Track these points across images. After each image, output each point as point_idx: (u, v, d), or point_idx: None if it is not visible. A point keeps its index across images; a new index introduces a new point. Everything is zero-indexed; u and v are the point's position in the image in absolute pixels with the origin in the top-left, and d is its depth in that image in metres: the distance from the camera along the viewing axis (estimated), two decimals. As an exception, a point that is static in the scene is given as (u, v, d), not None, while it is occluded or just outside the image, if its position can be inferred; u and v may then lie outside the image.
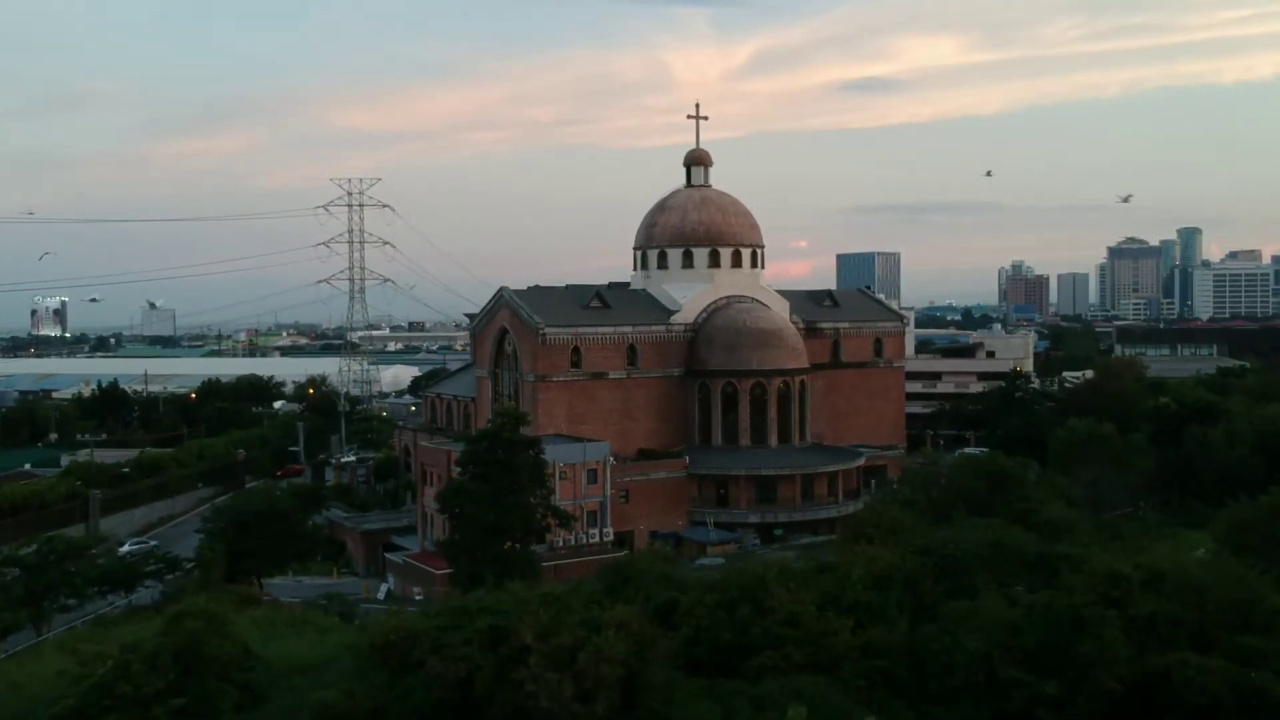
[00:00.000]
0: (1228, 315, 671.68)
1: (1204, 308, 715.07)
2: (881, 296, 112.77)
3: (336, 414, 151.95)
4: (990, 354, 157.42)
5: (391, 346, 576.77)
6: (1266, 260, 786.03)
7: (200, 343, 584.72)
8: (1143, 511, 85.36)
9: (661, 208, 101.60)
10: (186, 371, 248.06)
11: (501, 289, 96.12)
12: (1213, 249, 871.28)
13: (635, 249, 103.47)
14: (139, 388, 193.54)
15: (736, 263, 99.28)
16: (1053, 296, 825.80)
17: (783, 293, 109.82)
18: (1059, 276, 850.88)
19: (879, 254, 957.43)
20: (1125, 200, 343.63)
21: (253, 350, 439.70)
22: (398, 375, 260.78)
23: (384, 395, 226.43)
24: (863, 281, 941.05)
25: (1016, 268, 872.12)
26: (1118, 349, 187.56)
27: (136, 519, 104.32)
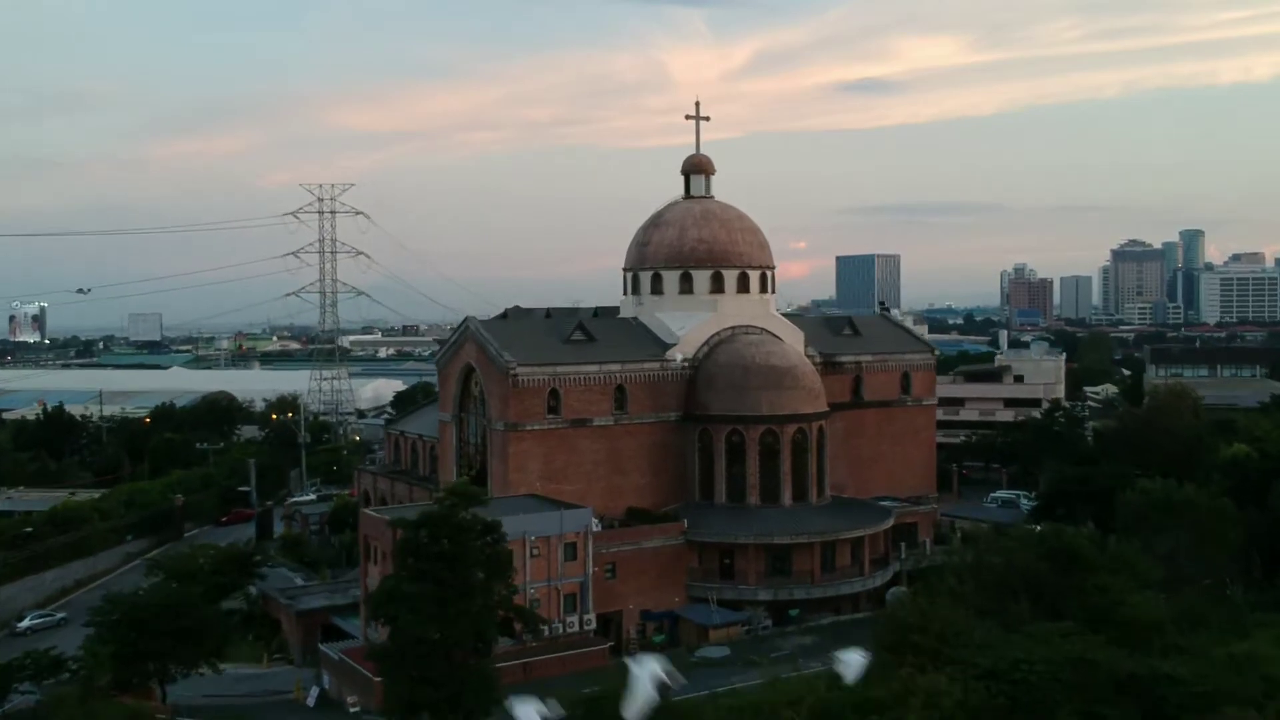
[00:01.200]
0: (1235, 320, 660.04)
1: (1210, 312, 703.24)
2: (908, 322, 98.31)
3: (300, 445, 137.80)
4: (1018, 378, 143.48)
5: (383, 352, 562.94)
6: (1270, 262, 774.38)
7: (188, 347, 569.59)
8: (1230, 590, 71.49)
9: (656, 223, 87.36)
10: (153, 386, 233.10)
11: (467, 319, 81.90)
12: (1212, 251, 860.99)
13: (625, 270, 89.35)
14: (92, 410, 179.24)
15: (743, 287, 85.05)
16: (1055, 299, 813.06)
17: (796, 319, 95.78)
18: (1061, 279, 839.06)
19: (879, 256, 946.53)
20: None
21: (237, 359, 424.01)
22: (379, 391, 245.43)
23: (362, 414, 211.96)
24: (863, 283, 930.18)
25: (1019, 271, 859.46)
26: (1151, 370, 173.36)
27: (48, 583, 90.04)
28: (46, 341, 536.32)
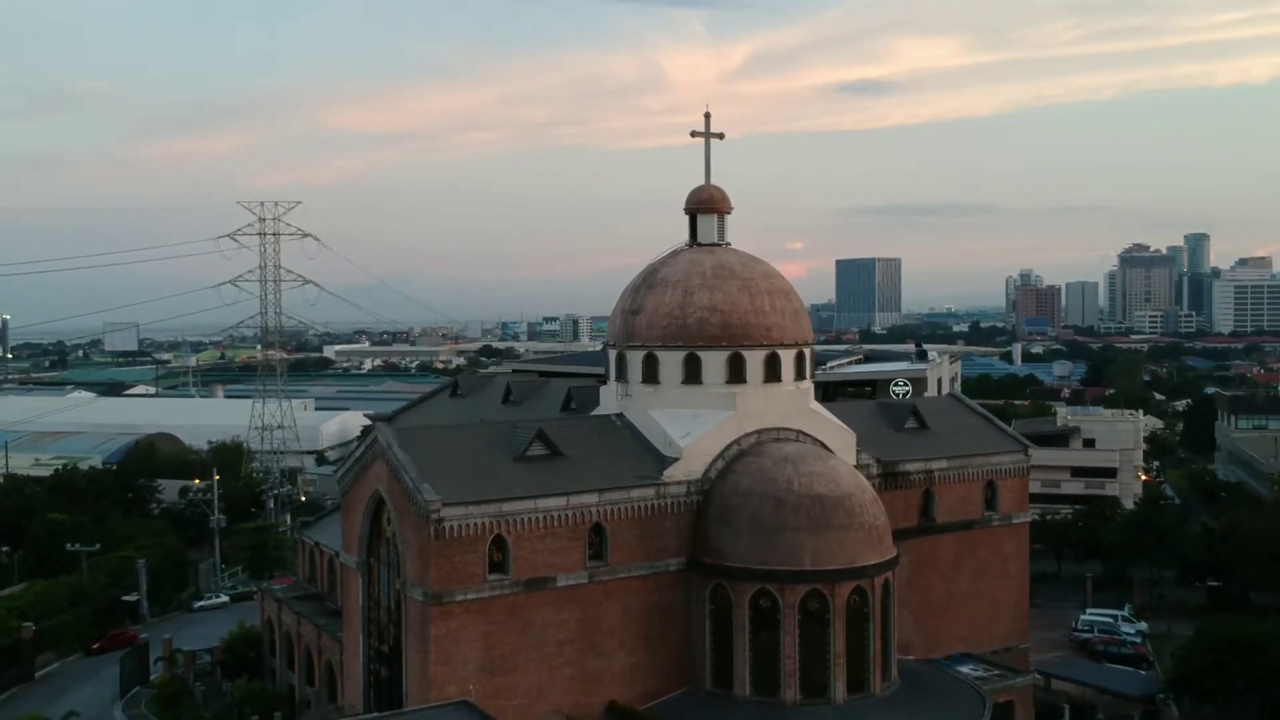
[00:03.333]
0: (1250, 330, 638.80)
1: (1223, 320, 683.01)
2: (986, 414, 73.56)
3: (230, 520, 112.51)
4: (1089, 442, 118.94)
5: (369, 364, 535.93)
6: (1278, 267, 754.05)
7: (168, 357, 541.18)
8: None
9: (650, 283, 62.30)
10: (92, 422, 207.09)
11: (376, 424, 56.76)
12: (1216, 254, 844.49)
13: (608, 347, 64.50)
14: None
15: (773, 374, 60.14)
16: (1062, 304, 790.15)
17: (834, 405, 70.86)
18: (1067, 285, 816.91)
19: (879, 260, 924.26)
20: None
21: (209, 375, 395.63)
22: (345, 425, 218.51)
23: (322, 459, 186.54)
24: (863, 287, 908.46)
25: (1025, 277, 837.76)
26: (1226, 420, 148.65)
27: None
28: (9, 356, 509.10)
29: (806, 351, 62.27)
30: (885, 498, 60.97)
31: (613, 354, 62.90)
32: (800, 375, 61.59)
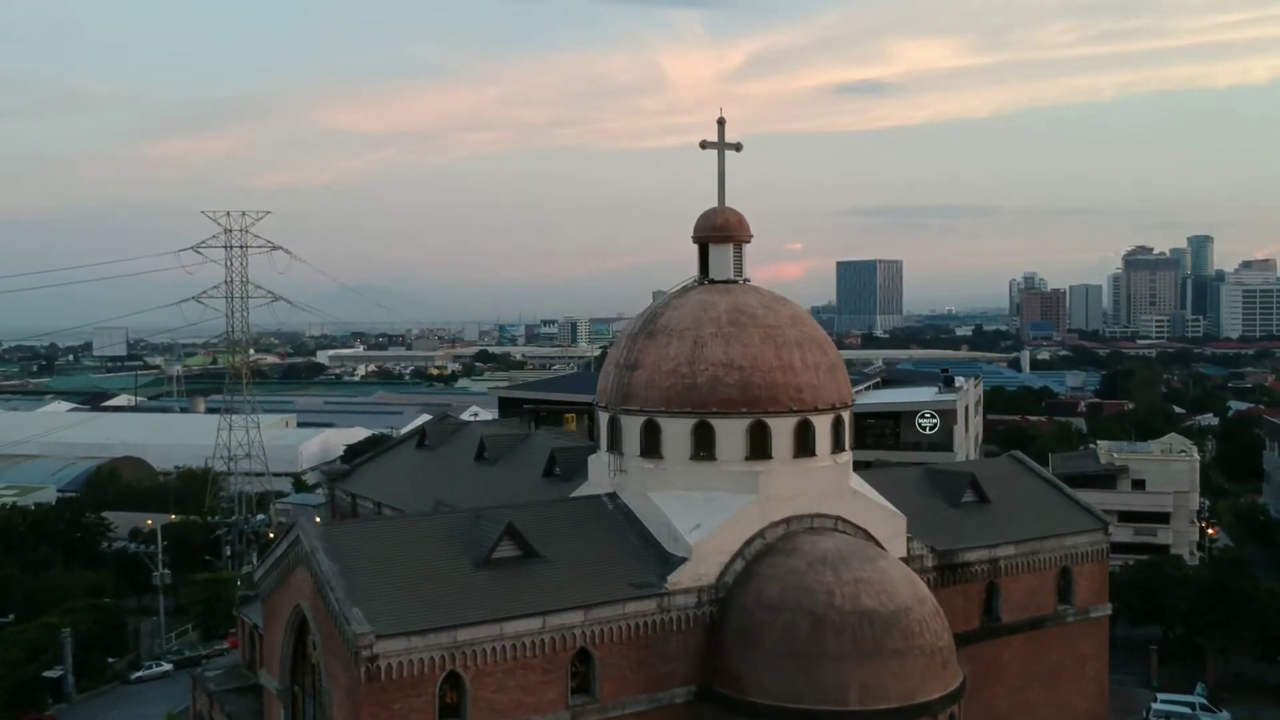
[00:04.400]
0: (1259, 335, 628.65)
1: (1231, 325, 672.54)
2: (1055, 482, 61.18)
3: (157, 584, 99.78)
4: (1138, 483, 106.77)
5: (362, 370, 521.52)
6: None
7: (160, 360, 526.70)
8: None
9: (651, 329, 49.92)
10: (57, 442, 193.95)
11: (298, 524, 44.29)
12: (1219, 255, 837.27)
13: (598, 408, 52.17)
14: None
15: (805, 447, 47.84)
16: (1065, 307, 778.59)
17: (875, 473, 58.68)
18: (1071, 288, 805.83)
19: (880, 262, 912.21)
20: None
21: (191, 383, 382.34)
22: (328, 444, 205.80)
23: (300, 484, 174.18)
24: (864, 289, 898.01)
25: (1029, 280, 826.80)
26: (1274, 450, 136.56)
27: None
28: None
29: (845, 416, 49.99)
30: (942, 595, 48.83)
31: (604, 418, 50.61)
32: (838, 446, 49.33)
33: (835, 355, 50.45)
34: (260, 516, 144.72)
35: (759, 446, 47.10)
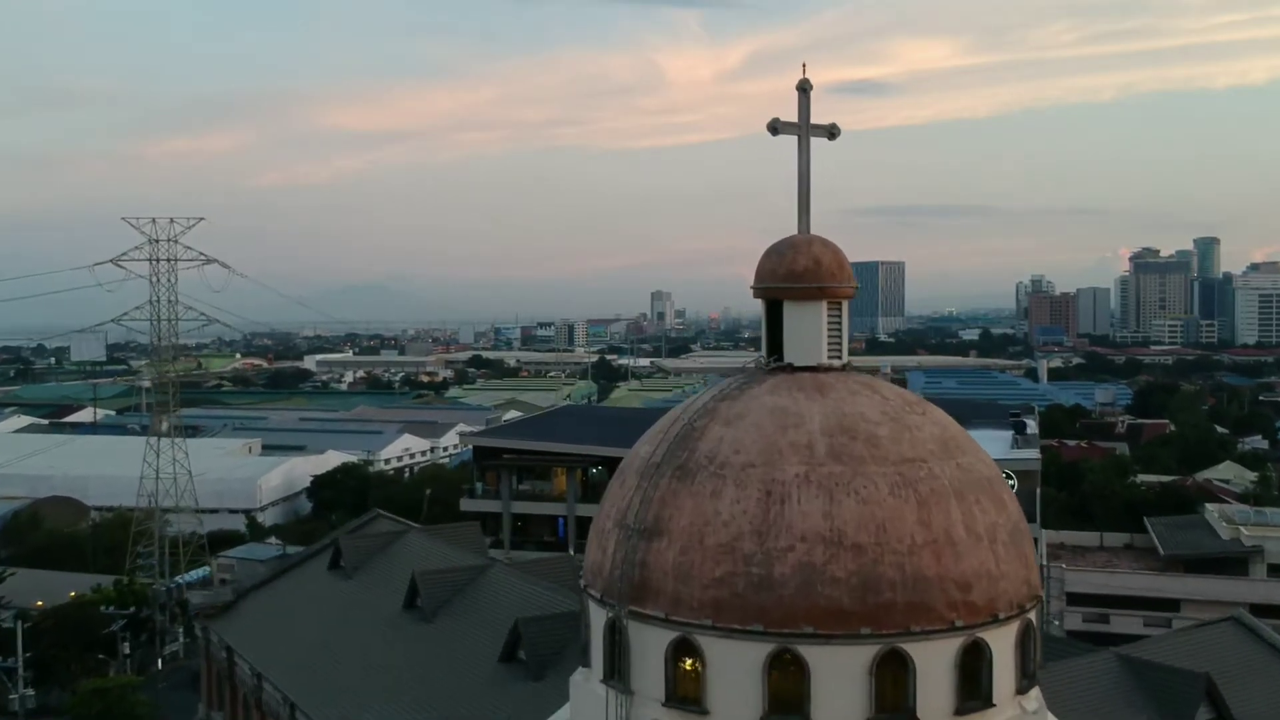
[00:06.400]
0: (1274, 340, 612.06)
1: (1246, 330, 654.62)
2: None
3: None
4: (1274, 569, 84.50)
5: (350, 377, 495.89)
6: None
7: (145, 362, 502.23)
8: None
9: (684, 464, 27.04)
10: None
11: None
12: (1224, 257, 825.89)
13: (586, 593, 29.49)
14: None
15: (971, 689, 25.36)
16: (1074, 311, 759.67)
17: (1053, 672, 35.88)
18: (1079, 291, 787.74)
19: (882, 263, 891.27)
20: None
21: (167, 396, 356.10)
22: (290, 476, 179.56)
23: (254, 526, 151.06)
24: (865, 290, 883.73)
25: (1036, 283, 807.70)
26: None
27: None
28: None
29: (1032, 620, 27.53)
30: None
31: (599, 619, 28.00)
32: (1025, 677, 26.87)
33: (1015, 508, 27.85)
34: (200, 572, 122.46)
35: (888, 698, 24.64)
